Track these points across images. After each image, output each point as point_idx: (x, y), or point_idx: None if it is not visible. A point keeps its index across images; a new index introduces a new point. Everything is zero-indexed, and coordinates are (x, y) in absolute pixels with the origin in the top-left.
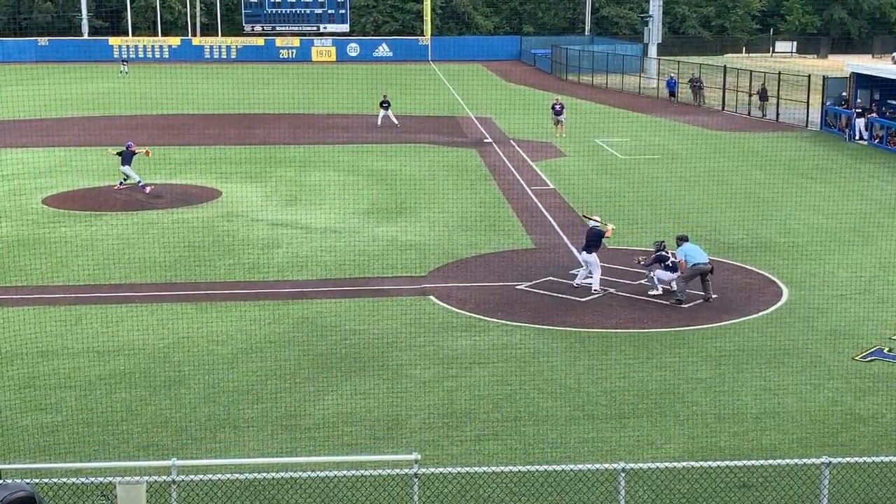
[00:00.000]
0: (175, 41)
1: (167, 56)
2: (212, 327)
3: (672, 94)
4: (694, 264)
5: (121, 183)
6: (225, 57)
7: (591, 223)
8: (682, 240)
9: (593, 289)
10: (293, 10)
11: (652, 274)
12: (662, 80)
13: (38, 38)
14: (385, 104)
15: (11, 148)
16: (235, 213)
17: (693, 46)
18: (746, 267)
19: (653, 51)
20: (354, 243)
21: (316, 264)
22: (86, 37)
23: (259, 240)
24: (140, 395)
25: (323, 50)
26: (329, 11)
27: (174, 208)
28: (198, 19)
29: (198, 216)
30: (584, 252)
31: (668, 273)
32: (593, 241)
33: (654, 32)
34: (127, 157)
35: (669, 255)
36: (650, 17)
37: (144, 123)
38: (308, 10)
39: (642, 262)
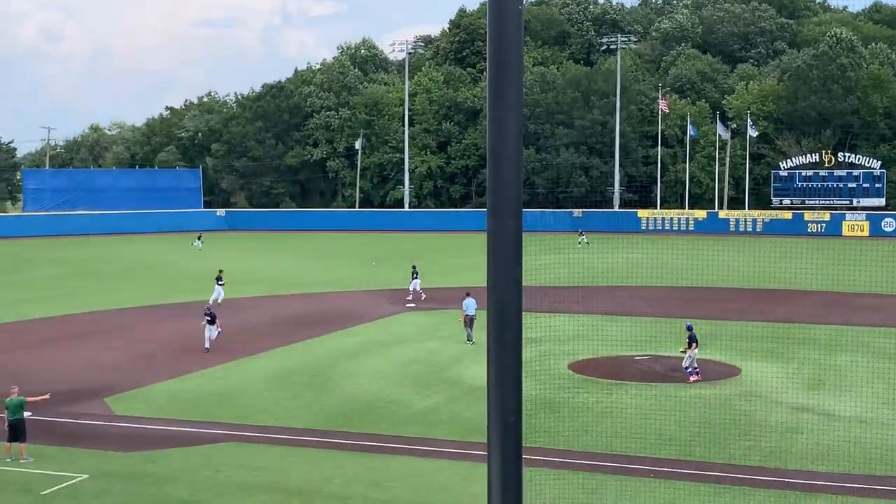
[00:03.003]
0: (701, 214)
1: (692, 228)
2: None
3: None
4: None
5: None
6: (750, 230)
7: None
8: None
9: None
10: (825, 183)
11: None
12: None
13: (573, 210)
14: None
15: (542, 313)
16: (754, 393)
17: None
18: None
19: None
20: (884, 437)
21: (840, 456)
22: (616, 209)
23: (778, 424)
24: None
25: (855, 224)
26: (864, 185)
27: (698, 384)
28: (725, 193)
29: (715, 393)
30: None
31: None
32: None
33: None
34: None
35: None
36: None
37: (665, 295)
38: (841, 184)
39: None
